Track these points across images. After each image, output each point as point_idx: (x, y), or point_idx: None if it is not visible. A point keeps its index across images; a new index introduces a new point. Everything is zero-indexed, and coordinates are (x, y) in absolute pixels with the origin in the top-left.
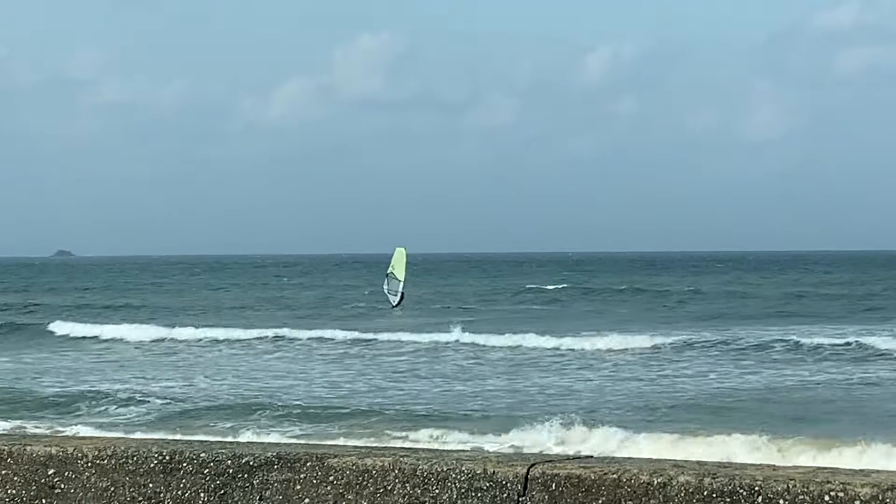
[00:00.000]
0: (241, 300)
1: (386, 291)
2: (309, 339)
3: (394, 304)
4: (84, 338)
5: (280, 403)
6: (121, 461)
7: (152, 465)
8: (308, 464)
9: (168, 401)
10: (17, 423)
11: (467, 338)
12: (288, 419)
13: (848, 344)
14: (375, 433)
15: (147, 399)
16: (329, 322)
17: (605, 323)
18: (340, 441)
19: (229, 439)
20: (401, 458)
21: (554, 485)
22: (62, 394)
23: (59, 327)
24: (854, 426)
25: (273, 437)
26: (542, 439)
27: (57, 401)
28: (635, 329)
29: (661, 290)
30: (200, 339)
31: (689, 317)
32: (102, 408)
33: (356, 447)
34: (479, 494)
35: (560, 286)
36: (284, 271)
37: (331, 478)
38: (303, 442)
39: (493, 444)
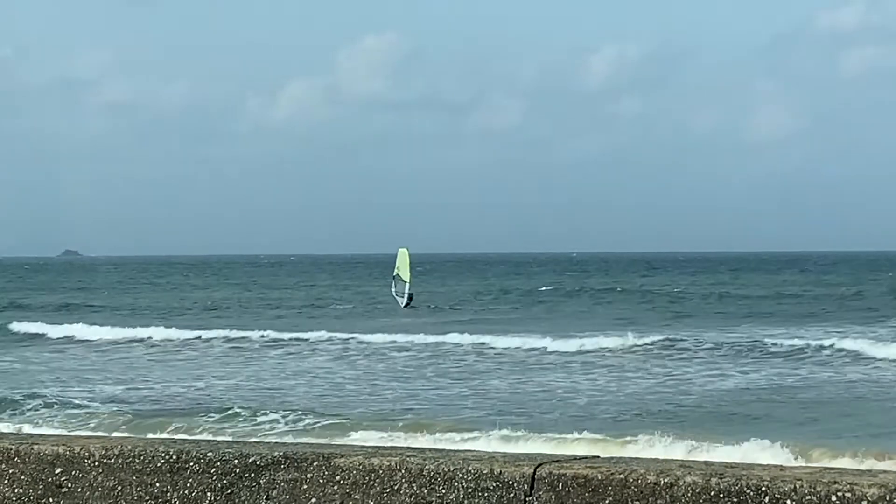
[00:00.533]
0: (237, 299)
1: (394, 294)
2: (303, 339)
3: (402, 306)
4: (42, 336)
5: (276, 404)
6: (127, 460)
7: (159, 465)
8: (315, 463)
9: (96, 404)
10: None
11: (466, 338)
12: (284, 418)
13: (841, 343)
14: (380, 433)
15: (74, 403)
16: (327, 322)
17: (604, 322)
18: (346, 440)
19: (236, 439)
20: (407, 458)
21: (561, 485)
22: None
23: (19, 326)
24: (854, 425)
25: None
26: (546, 439)
27: None
28: (633, 329)
29: (656, 290)
30: (189, 339)
31: (682, 315)
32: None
33: (363, 447)
34: (486, 494)
35: (559, 286)
36: (283, 270)
37: (337, 477)
38: (309, 441)
39: (498, 443)
